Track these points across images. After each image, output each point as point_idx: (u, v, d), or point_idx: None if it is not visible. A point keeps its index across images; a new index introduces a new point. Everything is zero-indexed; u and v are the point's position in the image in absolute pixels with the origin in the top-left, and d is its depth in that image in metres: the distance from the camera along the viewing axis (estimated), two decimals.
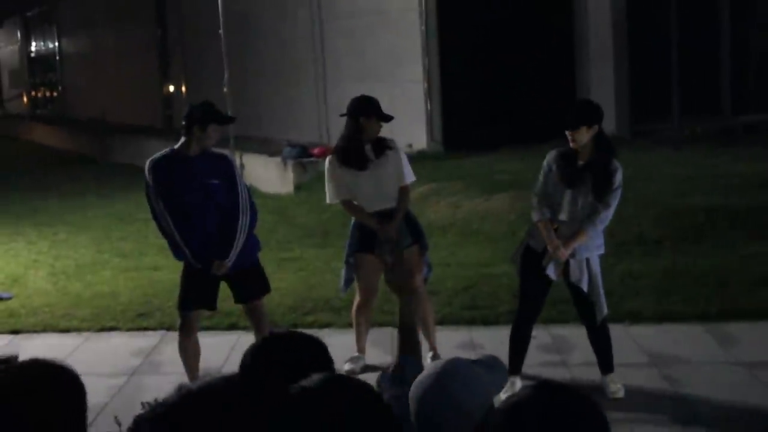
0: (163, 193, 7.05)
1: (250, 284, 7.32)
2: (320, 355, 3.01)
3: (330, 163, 7.71)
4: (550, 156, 7.10)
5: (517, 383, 7.18)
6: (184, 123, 7.10)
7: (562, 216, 6.97)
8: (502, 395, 7.32)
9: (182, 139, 7.11)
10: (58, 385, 2.51)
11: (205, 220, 7.02)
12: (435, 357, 7.65)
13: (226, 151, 7.57)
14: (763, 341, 8.22)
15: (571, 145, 6.90)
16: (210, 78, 24.61)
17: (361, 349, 8.07)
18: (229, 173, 7.11)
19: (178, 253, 7.21)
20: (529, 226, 7.33)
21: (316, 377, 2.51)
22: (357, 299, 7.97)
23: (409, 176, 7.71)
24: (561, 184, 6.95)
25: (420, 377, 3.08)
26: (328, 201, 7.87)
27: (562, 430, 2.29)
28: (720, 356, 7.92)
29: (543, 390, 2.40)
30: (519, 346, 7.36)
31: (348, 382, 2.57)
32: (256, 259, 7.38)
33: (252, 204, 7.21)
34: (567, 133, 6.88)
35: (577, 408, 2.34)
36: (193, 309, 7.23)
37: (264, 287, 7.43)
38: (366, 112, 7.56)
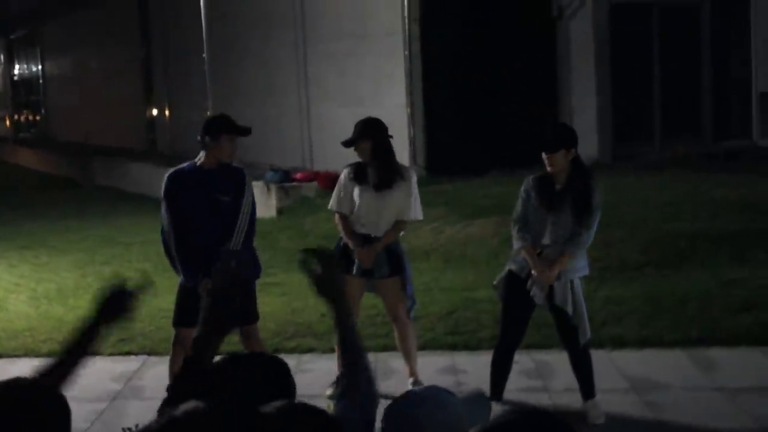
0: (171, 205, 7.11)
1: (245, 307, 7.14)
2: (283, 376, 3.00)
3: (344, 174, 7.85)
4: (527, 183, 7.13)
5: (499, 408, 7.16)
6: (199, 136, 7.22)
7: (546, 240, 6.99)
8: None
9: (201, 153, 7.22)
10: (43, 404, 2.51)
11: (207, 237, 6.98)
12: (416, 383, 7.64)
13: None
14: (744, 367, 8.24)
15: (549, 169, 6.95)
16: (193, 101, 24.64)
17: None
18: (239, 188, 7.17)
19: (176, 269, 7.22)
20: (512, 251, 7.34)
21: (275, 405, 2.50)
22: None
23: (416, 213, 7.77)
24: (542, 209, 6.98)
25: (395, 399, 3.08)
26: (329, 207, 7.96)
27: None
28: (702, 382, 7.94)
29: (521, 414, 2.41)
30: (500, 371, 7.36)
31: (304, 410, 2.56)
32: (253, 285, 7.35)
33: (252, 222, 7.20)
34: (545, 156, 6.92)
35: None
36: (186, 326, 7.01)
37: (254, 314, 7.37)
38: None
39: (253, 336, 7.38)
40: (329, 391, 7.77)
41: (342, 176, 7.84)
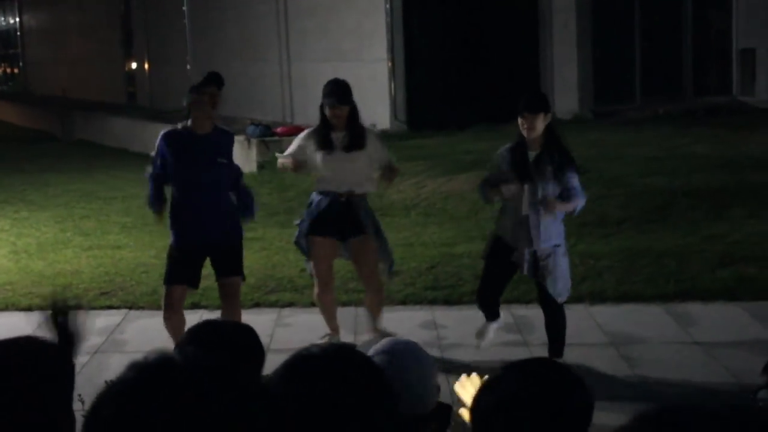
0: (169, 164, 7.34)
1: (231, 261, 7.46)
2: (253, 341, 3.02)
3: (303, 139, 7.78)
4: (499, 156, 7.15)
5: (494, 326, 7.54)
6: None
7: (524, 210, 6.97)
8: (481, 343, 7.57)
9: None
10: (47, 359, 2.52)
11: (204, 196, 7.31)
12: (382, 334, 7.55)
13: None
14: (721, 321, 8.32)
15: (526, 133, 6.93)
16: (173, 55, 24.52)
17: (333, 329, 7.91)
18: (229, 150, 7.51)
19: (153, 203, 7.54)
20: (497, 217, 7.38)
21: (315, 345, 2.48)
22: (315, 287, 7.82)
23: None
24: (517, 182, 6.97)
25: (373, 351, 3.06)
26: (276, 155, 7.92)
27: (551, 404, 2.35)
28: (679, 336, 8.01)
29: (529, 365, 2.46)
30: (488, 302, 7.50)
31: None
32: (240, 242, 7.56)
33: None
34: (524, 119, 6.91)
35: (564, 381, 2.40)
36: (175, 284, 7.35)
37: (239, 269, 7.53)
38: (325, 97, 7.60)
39: (232, 290, 7.48)
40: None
41: (301, 140, 7.78)
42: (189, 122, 7.34)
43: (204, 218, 7.29)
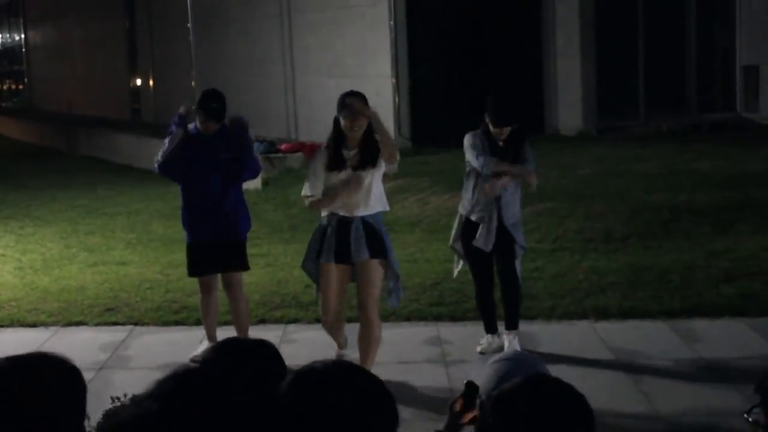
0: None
1: (235, 256, 7.94)
2: (274, 359, 3.04)
3: (317, 161, 7.29)
4: (475, 136, 8.04)
5: (497, 340, 8.05)
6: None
7: (498, 192, 7.80)
8: (479, 348, 8.00)
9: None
10: (58, 376, 2.54)
11: (209, 192, 7.74)
12: None
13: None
14: (726, 337, 8.31)
15: (498, 134, 7.85)
16: (178, 71, 24.58)
17: (340, 345, 7.82)
18: (241, 141, 7.80)
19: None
20: (460, 202, 8.14)
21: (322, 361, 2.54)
22: (322, 315, 7.53)
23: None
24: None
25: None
26: (302, 193, 7.37)
27: (551, 419, 2.37)
28: (684, 352, 8.00)
29: (533, 380, 2.48)
30: (488, 307, 8.08)
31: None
32: (244, 237, 8.00)
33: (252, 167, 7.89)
34: (500, 128, 7.81)
35: (565, 398, 2.42)
36: (199, 275, 8.04)
37: (243, 263, 8.02)
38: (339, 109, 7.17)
39: (236, 284, 8.02)
40: None
41: (316, 162, 7.27)
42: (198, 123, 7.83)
43: (209, 216, 7.78)
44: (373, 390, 2.43)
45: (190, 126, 7.85)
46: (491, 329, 8.10)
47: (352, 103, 7.03)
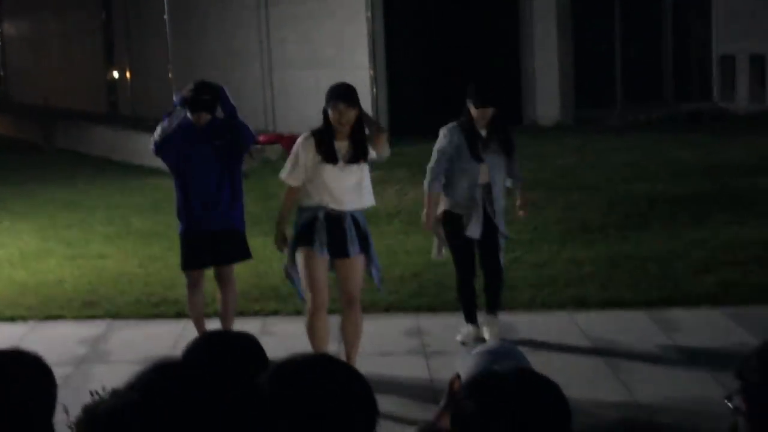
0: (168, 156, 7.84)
1: (231, 247, 7.93)
2: (257, 352, 3.04)
3: (301, 145, 7.12)
4: (452, 132, 7.98)
5: (476, 330, 8.09)
6: None
7: (480, 180, 7.88)
8: (458, 337, 8.00)
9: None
10: (26, 371, 2.54)
11: (207, 182, 7.73)
12: None
13: None
14: (704, 327, 8.36)
15: (480, 118, 7.83)
16: (155, 63, 24.49)
17: (324, 342, 7.31)
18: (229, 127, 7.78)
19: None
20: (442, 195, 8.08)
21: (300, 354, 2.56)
22: (308, 309, 7.14)
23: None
24: (473, 158, 7.86)
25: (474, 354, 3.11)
26: (280, 176, 7.30)
27: (530, 412, 2.38)
28: (662, 341, 8.04)
29: (511, 374, 2.49)
30: (469, 296, 8.13)
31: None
32: (242, 225, 7.99)
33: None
34: (481, 109, 7.77)
35: (543, 391, 2.43)
36: (190, 269, 7.95)
37: (243, 252, 8.07)
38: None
39: (229, 276, 8.05)
40: None
41: (298, 147, 7.10)
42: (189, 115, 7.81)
43: (208, 206, 7.76)
44: (353, 382, 2.45)
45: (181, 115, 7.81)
46: (471, 319, 8.13)
47: (340, 97, 6.98)
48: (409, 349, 8.12)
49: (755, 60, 19.76)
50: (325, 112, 7.01)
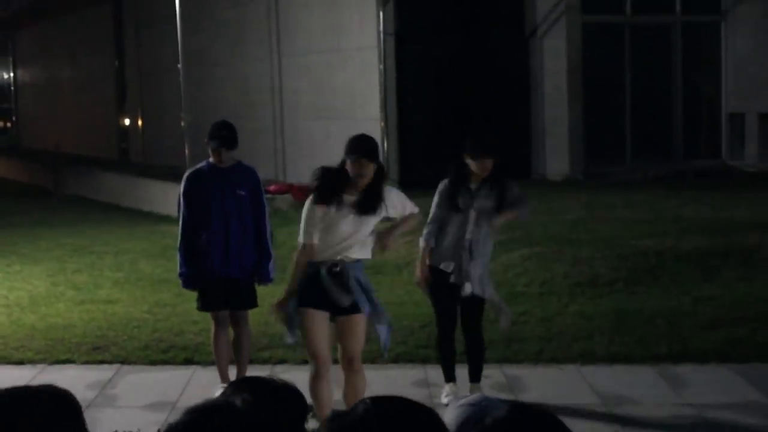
0: (189, 204, 7.86)
1: (244, 295, 8.03)
2: (300, 401, 3.05)
3: (310, 201, 6.94)
4: (443, 185, 7.97)
5: (451, 389, 7.95)
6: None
7: (468, 235, 7.69)
8: (444, 399, 7.85)
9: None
10: (53, 406, 2.56)
11: (226, 230, 7.75)
12: None
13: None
14: (713, 383, 8.35)
15: (480, 170, 7.64)
16: (167, 111, 24.64)
17: (326, 406, 7.05)
18: (254, 185, 7.92)
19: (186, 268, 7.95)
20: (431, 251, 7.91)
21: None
22: (311, 372, 7.01)
23: (411, 207, 7.19)
24: (455, 213, 7.74)
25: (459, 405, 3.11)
26: (300, 240, 7.00)
27: None
28: (671, 398, 8.03)
29: (516, 409, 2.51)
30: (448, 354, 8.04)
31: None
32: (252, 280, 8.06)
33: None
34: (480, 160, 7.59)
35: (547, 427, 2.45)
36: (211, 310, 8.04)
37: (252, 301, 8.12)
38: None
39: (244, 318, 8.12)
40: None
41: (306, 211, 6.88)
42: (211, 159, 7.88)
43: (225, 248, 7.78)
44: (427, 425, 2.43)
45: (202, 163, 7.97)
46: (450, 377, 8.04)
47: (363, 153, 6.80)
48: (416, 400, 8.09)
49: (764, 118, 19.85)
50: (342, 164, 6.82)
